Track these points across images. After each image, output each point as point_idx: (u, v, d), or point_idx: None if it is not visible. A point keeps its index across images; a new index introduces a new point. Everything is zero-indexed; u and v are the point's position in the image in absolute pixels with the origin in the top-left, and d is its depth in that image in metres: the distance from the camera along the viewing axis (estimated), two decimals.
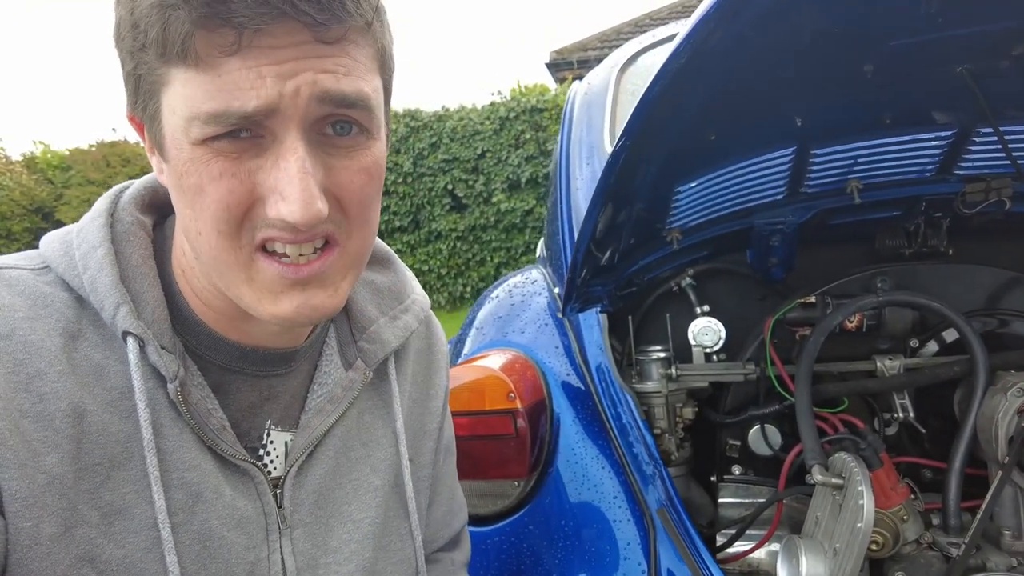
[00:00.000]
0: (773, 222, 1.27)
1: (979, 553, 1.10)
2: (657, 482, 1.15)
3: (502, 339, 1.46)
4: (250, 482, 0.66)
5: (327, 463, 0.72)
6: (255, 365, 0.66)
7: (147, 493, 0.58)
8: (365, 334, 0.76)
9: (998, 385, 1.13)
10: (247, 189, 0.53)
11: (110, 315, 0.58)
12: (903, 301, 1.24)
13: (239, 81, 0.49)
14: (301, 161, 0.52)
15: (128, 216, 0.64)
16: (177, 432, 0.61)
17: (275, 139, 0.52)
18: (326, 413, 0.71)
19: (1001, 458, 1.08)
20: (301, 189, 0.51)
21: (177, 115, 0.51)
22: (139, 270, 0.61)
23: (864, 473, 1.02)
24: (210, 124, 0.50)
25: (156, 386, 0.60)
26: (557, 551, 1.17)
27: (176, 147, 0.53)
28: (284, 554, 0.68)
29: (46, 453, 0.53)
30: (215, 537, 0.62)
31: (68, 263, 0.60)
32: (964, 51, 0.96)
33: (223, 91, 0.49)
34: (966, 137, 1.16)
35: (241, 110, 0.50)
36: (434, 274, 9.43)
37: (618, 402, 1.25)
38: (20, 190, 10.67)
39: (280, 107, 0.50)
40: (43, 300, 0.58)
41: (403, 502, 0.79)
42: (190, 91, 0.50)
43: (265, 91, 0.49)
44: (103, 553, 0.56)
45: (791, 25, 0.83)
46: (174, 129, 0.52)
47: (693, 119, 0.96)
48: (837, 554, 1.00)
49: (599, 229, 1.00)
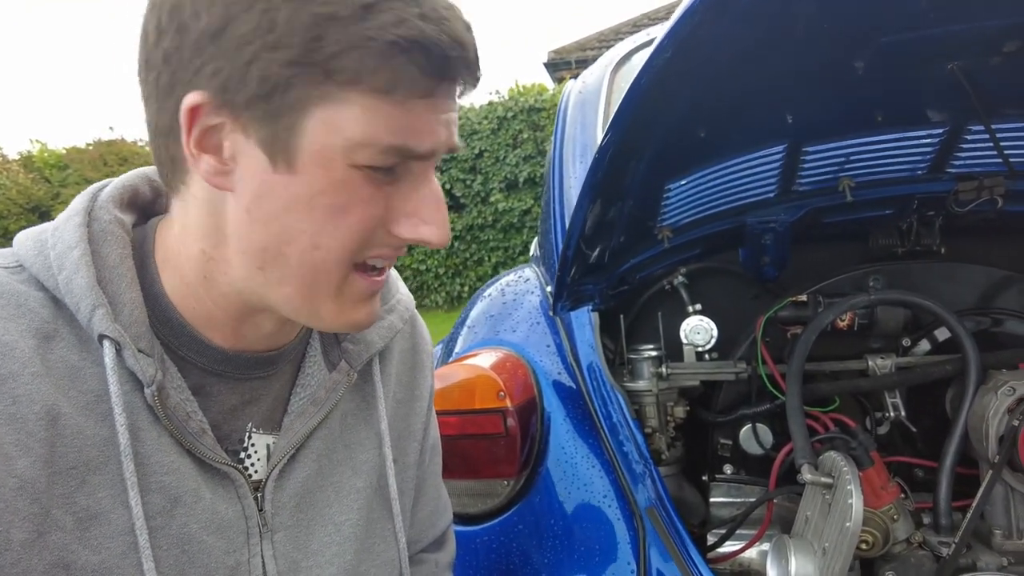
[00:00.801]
0: (765, 220, 1.27)
1: (970, 552, 1.10)
2: (647, 481, 1.14)
3: (493, 338, 1.45)
4: (231, 485, 0.65)
5: (309, 466, 0.71)
6: (238, 368, 0.65)
7: (124, 498, 0.57)
8: (349, 335, 0.75)
9: (989, 384, 1.13)
10: (382, 213, 0.57)
11: (86, 317, 0.57)
12: (895, 300, 1.23)
13: (422, 124, 0.54)
14: (439, 192, 0.59)
15: (106, 215, 0.62)
16: (155, 436, 0.59)
17: (410, 172, 0.57)
18: (309, 415, 0.71)
19: (992, 457, 1.07)
20: (443, 216, 0.59)
21: (344, 136, 0.52)
22: (116, 271, 0.59)
23: (853, 472, 1.01)
24: (386, 155, 0.54)
25: (133, 389, 0.58)
26: (546, 550, 1.16)
27: (324, 164, 0.53)
28: (265, 557, 0.67)
29: (18, 456, 0.52)
30: (194, 541, 0.61)
31: (43, 263, 0.58)
32: (955, 48, 0.96)
33: (407, 129, 0.54)
34: (958, 135, 1.16)
35: (417, 149, 0.55)
36: (431, 274, 9.42)
37: (609, 401, 1.24)
38: (17, 189, 10.65)
39: (437, 152, 0.57)
40: (16, 299, 0.56)
41: (387, 504, 0.78)
42: (372, 119, 0.53)
43: (436, 137, 0.56)
44: (78, 559, 0.55)
45: (780, 20, 0.83)
46: (328, 147, 0.53)
47: (682, 115, 0.95)
48: (826, 553, 0.99)
49: (588, 226, 0.99)
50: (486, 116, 9.01)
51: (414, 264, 9.37)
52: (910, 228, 1.32)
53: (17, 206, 10.57)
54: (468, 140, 9.03)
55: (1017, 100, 1.08)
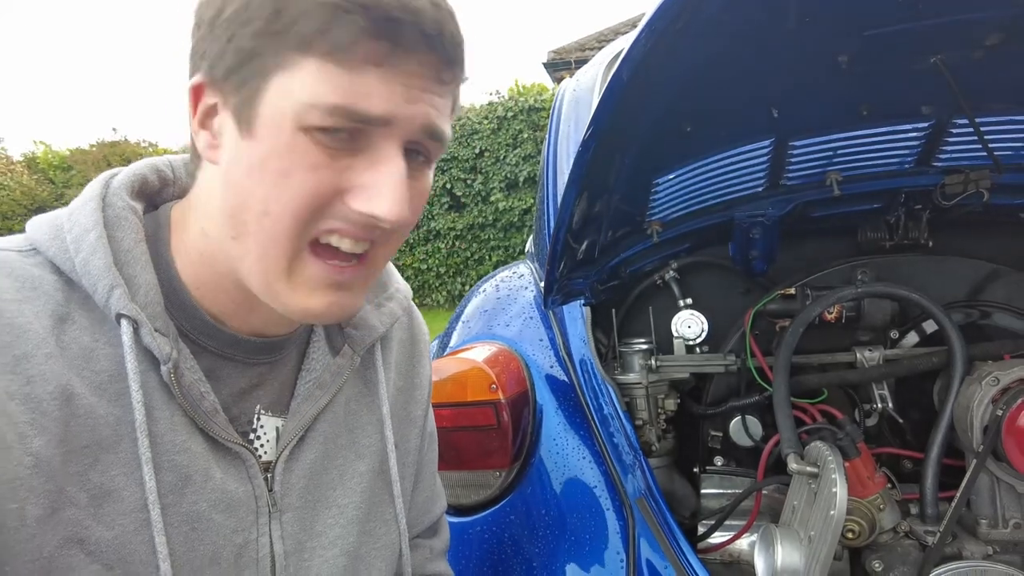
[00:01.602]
0: (753, 215, 1.28)
1: (955, 542, 1.11)
2: (637, 472, 1.16)
3: (487, 332, 1.46)
4: (241, 465, 0.67)
5: (316, 448, 0.73)
6: (247, 352, 0.67)
7: (137, 475, 0.59)
8: (352, 320, 0.77)
9: (974, 375, 1.14)
10: (334, 184, 0.56)
11: (103, 297, 0.58)
12: (881, 292, 1.24)
13: (373, 88, 0.54)
14: (403, 170, 0.57)
15: (119, 201, 0.64)
16: (168, 415, 0.61)
17: (371, 146, 0.56)
18: (315, 399, 0.73)
19: (976, 447, 1.08)
20: (398, 190, 0.57)
21: (293, 98, 0.54)
22: (131, 254, 0.61)
23: (838, 461, 1.02)
24: (330, 116, 0.54)
25: (148, 368, 0.60)
26: (538, 540, 1.18)
27: (275, 127, 0.55)
28: (273, 537, 0.69)
29: (33, 435, 0.54)
30: (203, 519, 0.63)
31: (59, 246, 0.60)
32: (938, 42, 0.97)
33: (355, 91, 0.53)
34: (943, 129, 1.17)
35: (366, 112, 0.54)
36: (433, 273, 9.44)
37: (600, 393, 1.26)
38: (21, 190, 10.71)
39: (395, 122, 0.56)
40: (31, 282, 0.58)
41: (388, 487, 0.80)
42: (320, 82, 0.53)
43: (391, 105, 0.55)
44: (92, 535, 0.56)
45: (759, 14, 0.84)
46: (279, 111, 0.54)
47: (666, 109, 0.97)
48: (812, 542, 1.00)
49: (575, 220, 1.00)
50: (486, 116, 9.03)
51: (415, 263, 9.39)
52: (898, 222, 1.33)
53: (21, 207, 10.61)
54: (468, 140, 9.05)
55: (1000, 94, 1.08)
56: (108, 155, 11.20)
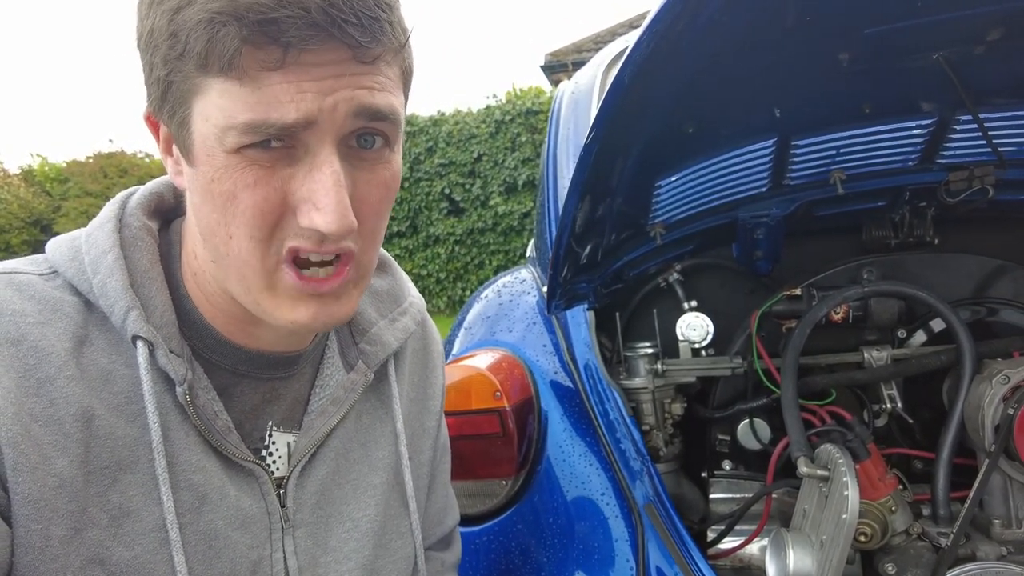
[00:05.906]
0: (757, 215, 1.27)
1: (969, 542, 1.10)
2: (644, 478, 1.14)
3: (490, 338, 1.45)
4: (254, 482, 0.67)
5: (329, 464, 0.73)
6: (260, 368, 0.67)
7: (155, 495, 0.59)
8: (366, 336, 0.77)
9: (984, 373, 1.13)
10: (280, 198, 0.54)
11: (120, 319, 0.59)
12: (888, 291, 1.23)
13: (279, 95, 0.51)
14: (336, 174, 0.54)
15: (136, 221, 0.65)
16: (183, 435, 0.62)
17: (308, 151, 0.54)
18: (329, 415, 0.73)
19: (988, 446, 1.07)
20: (336, 201, 0.53)
21: (211, 123, 0.52)
22: (148, 275, 0.62)
23: (849, 464, 1.01)
24: (247, 134, 0.52)
25: (164, 389, 0.61)
26: (546, 549, 1.16)
27: (208, 153, 0.54)
28: (287, 553, 0.69)
29: (56, 457, 0.54)
30: (220, 537, 0.63)
31: (77, 268, 0.61)
32: (939, 38, 0.96)
33: (263, 103, 0.51)
34: (947, 125, 1.16)
35: (280, 121, 0.51)
36: (433, 278, 9.44)
37: (605, 399, 1.25)
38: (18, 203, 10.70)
39: (318, 120, 0.52)
40: (52, 305, 0.59)
41: (403, 500, 0.80)
42: (228, 102, 0.51)
43: (305, 105, 0.51)
44: (112, 555, 0.57)
45: (759, 14, 0.83)
46: (206, 136, 0.53)
47: (667, 111, 0.96)
48: (824, 546, 0.99)
49: (578, 224, 1.00)
50: (484, 120, 9.04)
51: (415, 269, 9.38)
52: (903, 219, 1.32)
53: (18, 220, 10.62)
54: (466, 144, 9.05)
55: (1003, 89, 1.08)
56: (105, 167, 11.20)
